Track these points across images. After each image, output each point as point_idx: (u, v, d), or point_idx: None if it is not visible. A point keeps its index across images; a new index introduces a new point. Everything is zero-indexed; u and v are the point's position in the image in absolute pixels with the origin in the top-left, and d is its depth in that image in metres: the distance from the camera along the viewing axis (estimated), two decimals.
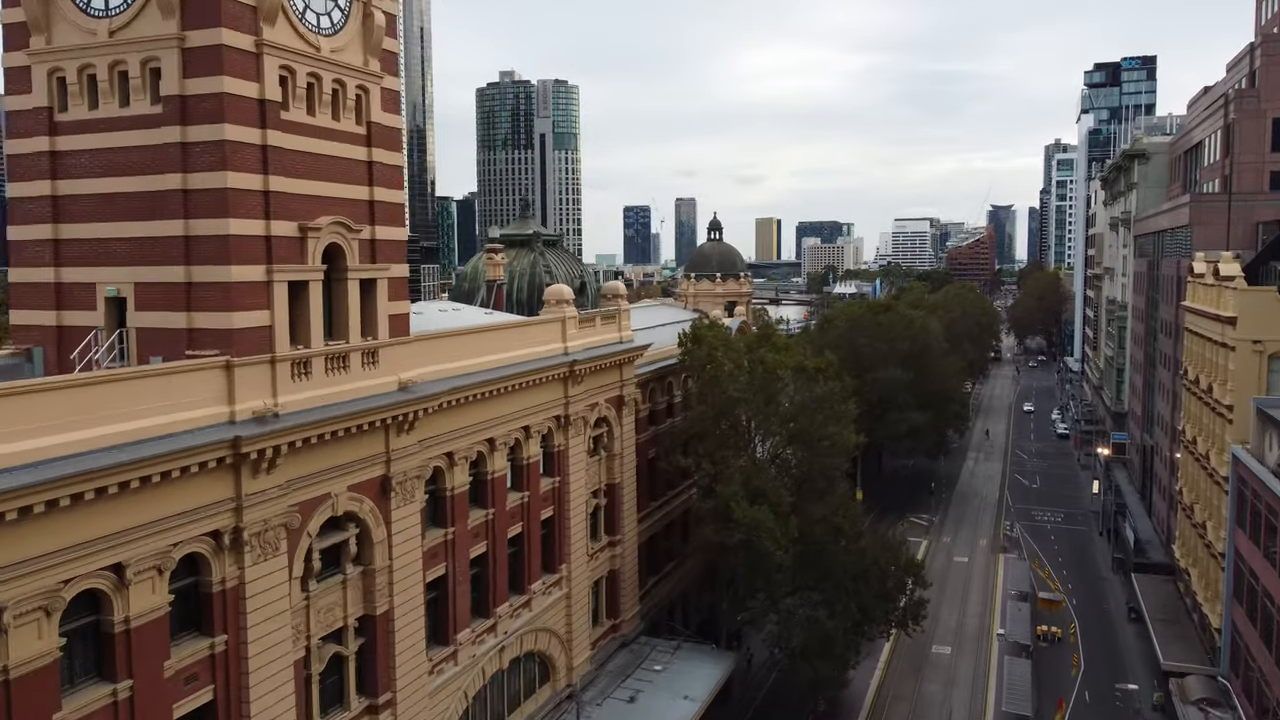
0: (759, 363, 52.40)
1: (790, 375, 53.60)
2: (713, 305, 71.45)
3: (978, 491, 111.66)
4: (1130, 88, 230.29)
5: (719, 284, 71.41)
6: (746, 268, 74.55)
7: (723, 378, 51.18)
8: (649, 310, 69.24)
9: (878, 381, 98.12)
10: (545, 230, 51.00)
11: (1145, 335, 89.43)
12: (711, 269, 71.73)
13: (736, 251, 75.48)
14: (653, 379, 56.14)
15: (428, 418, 33.29)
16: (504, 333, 39.86)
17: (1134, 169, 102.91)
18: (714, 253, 72.88)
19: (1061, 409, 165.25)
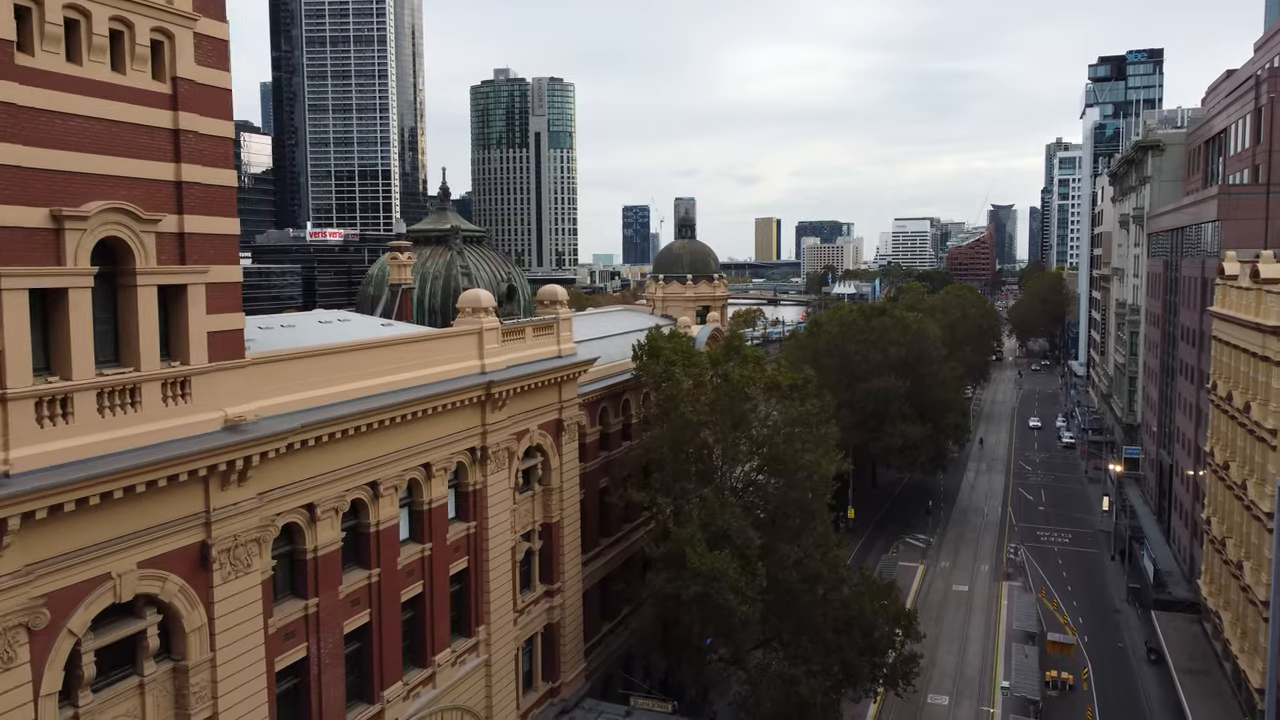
0: (724, 379, 44.78)
1: (762, 393, 46.01)
2: (683, 310, 63.92)
3: (979, 508, 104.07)
4: (1136, 81, 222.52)
5: (689, 287, 63.87)
6: (720, 268, 67.01)
7: (680, 397, 43.60)
8: (611, 316, 61.75)
9: (870, 391, 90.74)
10: (468, 225, 43.36)
11: (1162, 342, 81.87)
12: (681, 270, 64.17)
13: (709, 250, 67.89)
14: (604, 397, 48.62)
15: (272, 462, 25.78)
16: (396, 349, 32.32)
17: (1147, 162, 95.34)
18: (684, 252, 65.26)
19: (1066, 416, 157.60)
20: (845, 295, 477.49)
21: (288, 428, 25.81)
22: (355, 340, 31.15)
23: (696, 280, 64.40)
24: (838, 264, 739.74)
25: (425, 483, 33.71)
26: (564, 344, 42.59)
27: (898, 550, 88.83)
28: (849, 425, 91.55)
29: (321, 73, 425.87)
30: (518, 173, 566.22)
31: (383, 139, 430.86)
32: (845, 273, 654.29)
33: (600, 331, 54.71)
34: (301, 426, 26.39)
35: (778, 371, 48.43)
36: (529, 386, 39.10)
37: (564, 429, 42.72)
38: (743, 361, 47.78)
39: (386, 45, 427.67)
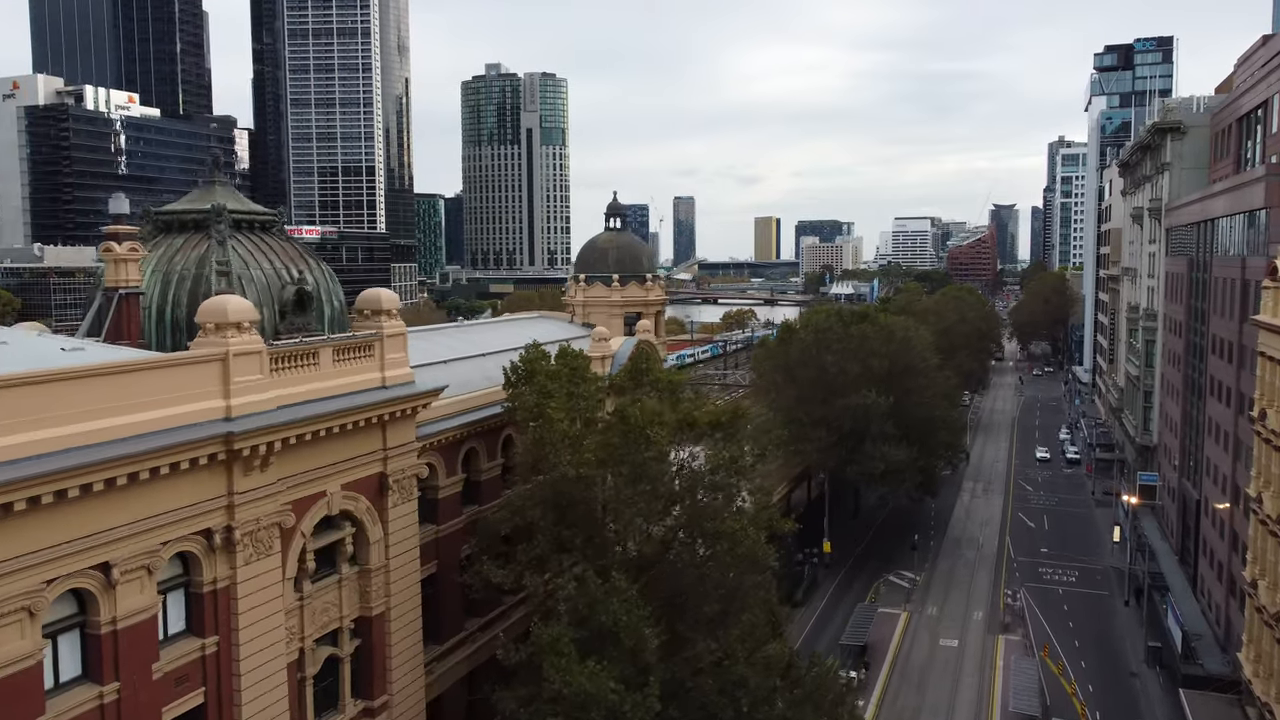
0: (620, 418, 33.09)
1: (673, 435, 34.39)
2: (608, 318, 52.38)
3: (973, 537, 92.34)
4: (1144, 71, 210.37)
5: (615, 289, 52.22)
6: (656, 266, 55.28)
7: (554, 442, 31.98)
8: (514, 326, 50.17)
9: (848, 409, 79.05)
10: (247, 204, 31.65)
11: (1185, 354, 70.16)
12: (606, 269, 52.50)
13: (642, 245, 56.04)
14: (471, 435, 37.01)
15: None
16: (67, 388, 20.84)
17: (1165, 147, 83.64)
18: (610, 247, 53.52)
19: (1071, 427, 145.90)
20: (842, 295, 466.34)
21: None
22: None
23: (625, 281, 52.70)
24: (837, 264, 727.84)
25: (104, 593, 22.08)
26: (392, 370, 30.97)
27: (878, 593, 77.13)
28: (825, 445, 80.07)
29: (304, 66, 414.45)
30: (509, 170, 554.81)
31: (366, 134, 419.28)
32: (844, 272, 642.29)
33: (487, 346, 43.18)
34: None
35: (696, 405, 36.69)
36: (322, 433, 27.52)
37: (392, 486, 31.10)
38: (656, 388, 36.09)
39: (370, 38, 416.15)
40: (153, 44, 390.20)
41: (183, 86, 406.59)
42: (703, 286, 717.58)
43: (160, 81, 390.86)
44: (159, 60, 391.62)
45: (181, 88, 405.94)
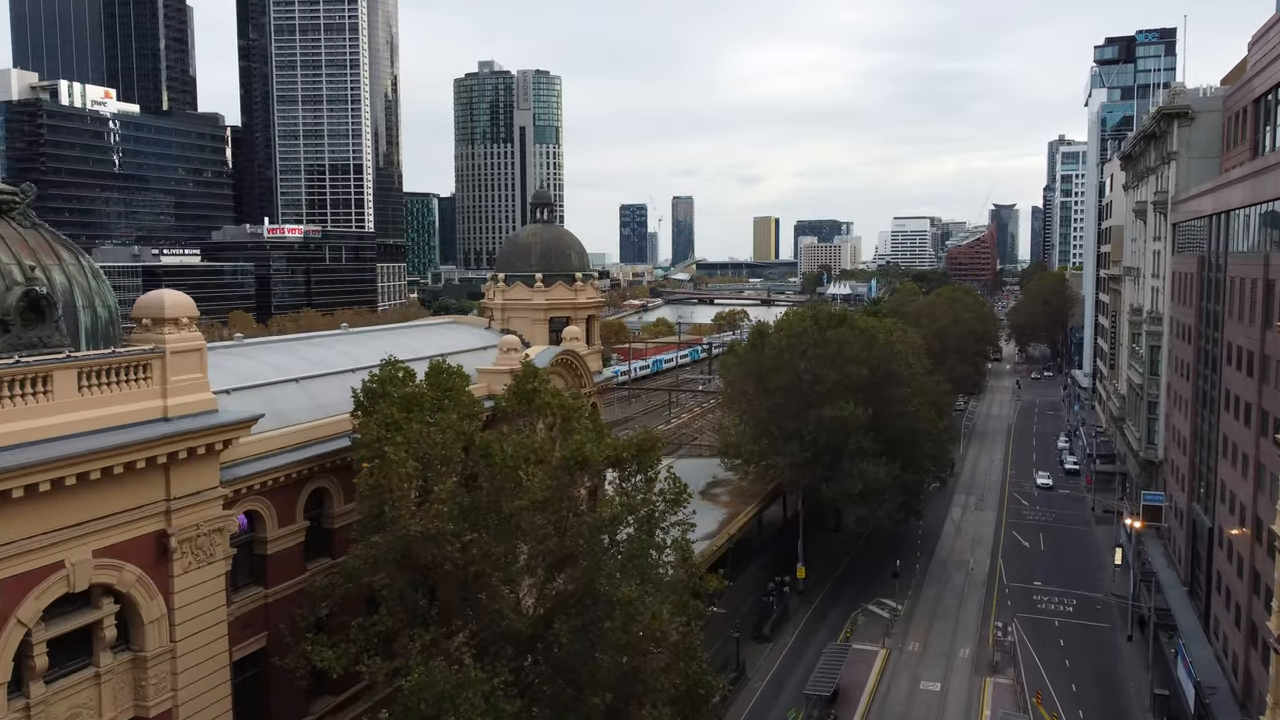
0: (484, 456, 25.86)
1: (557, 476, 27.15)
2: (531, 324, 45.20)
3: (963, 560, 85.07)
4: (1146, 64, 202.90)
5: (539, 291, 44.98)
6: (588, 265, 47.90)
7: (394, 488, 24.78)
8: (412, 334, 42.90)
9: (824, 421, 71.84)
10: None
11: (1196, 363, 62.91)
12: (528, 267, 45.19)
13: (572, 240, 48.57)
14: (318, 473, 29.78)
15: None
16: None
17: (1172, 134, 76.38)
18: (534, 242, 46.17)
19: (1070, 435, 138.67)
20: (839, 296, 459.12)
21: None
22: None
23: (550, 282, 45.45)
24: (835, 264, 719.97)
25: None
26: (180, 396, 23.79)
27: (855, 626, 69.86)
28: (798, 461, 72.88)
29: (291, 62, 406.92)
30: (502, 169, 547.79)
31: (354, 132, 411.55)
32: (841, 273, 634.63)
33: (361, 360, 35.88)
34: None
35: (596, 435, 29.39)
36: (47, 485, 20.34)
37: (178, 547, 23.90)
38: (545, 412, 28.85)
39: (358, 34, 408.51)
40: (135, 40, 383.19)
41: (168, 83, 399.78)
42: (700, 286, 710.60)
43: (143, 78, 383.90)
44: (141, 56, 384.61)
45: (167, 84, 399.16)
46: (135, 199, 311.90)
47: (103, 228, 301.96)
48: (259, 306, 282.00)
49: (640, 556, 27.26)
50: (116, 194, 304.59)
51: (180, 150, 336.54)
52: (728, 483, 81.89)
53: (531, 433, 27.99)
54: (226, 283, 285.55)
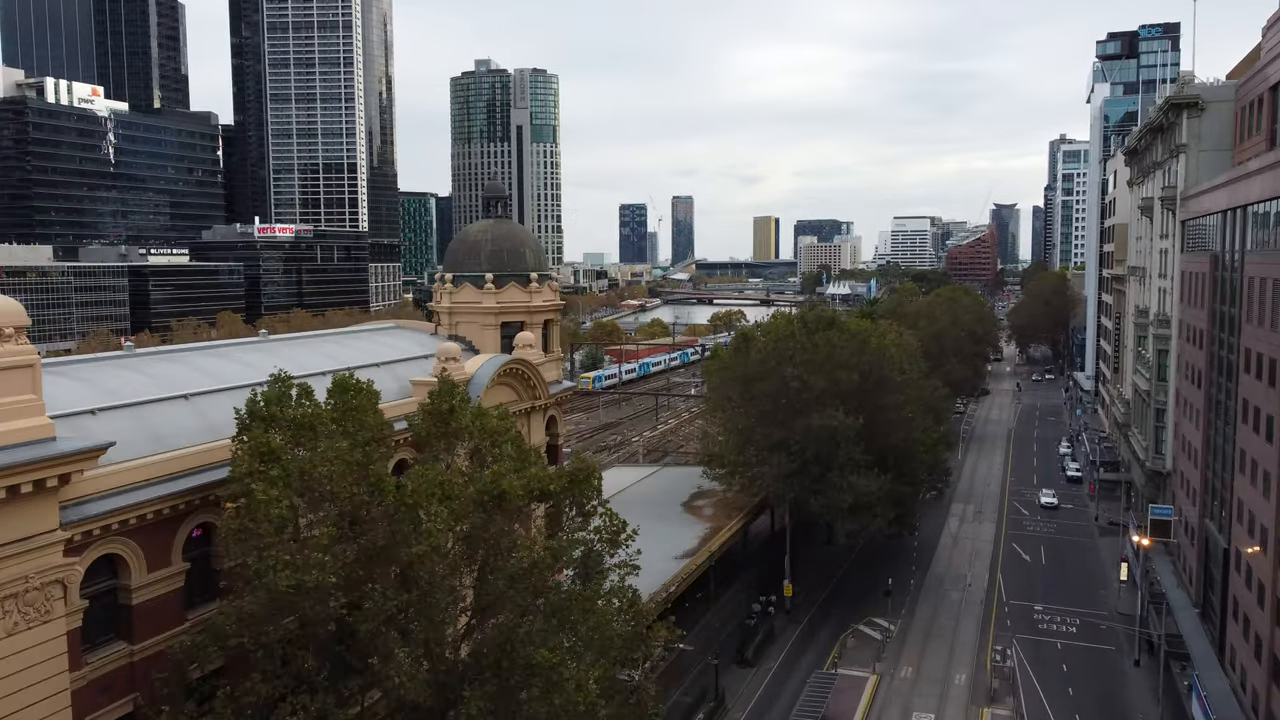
0: (373, 491, 21.65)
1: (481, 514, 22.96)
2: (481, 328, 41.02)
3: (960, 574, 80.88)
4: (1149, 59, 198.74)
5: (489, 293, 40.74)
6: (545, 264, 43.56)
7: (263, 534, 20.63)
8: (347, 341, 38.65)
9: (811, 430, 67.66)
10: None
11: (1209, 370, 58.71)
12: (477, 266, 40.98)
13: (527, 237, 44.03)
14: (201, 506, 25.56)
15: None
16: None
17: (1180, 126, 72.14)
18: (484, 240, 41.87)
19: (1072, 439, 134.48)
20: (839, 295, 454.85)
21: None
22: None
23: (501, 282, 41.23)
24: (835, 264, 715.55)
25: None
26: (4, 422, 19.62)
27: (844, 649, 65.63)
28: (784, 473, 68.68)
29: (284, 60, 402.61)
30: (499, 168, 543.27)
31: (348, 131, 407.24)
32: (841, 272, 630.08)
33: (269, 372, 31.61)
34: None
35: (520, 464, 25.14)
36: None
37: (0, 604, 19.74)
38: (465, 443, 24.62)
39: (352, 32, 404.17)
40: (126, 38, 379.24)
41: (160, 82, 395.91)
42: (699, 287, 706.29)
43: (134, 76, 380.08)
44: (133, 55, 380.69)
45: (159, 83, 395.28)
46: (125, 198, 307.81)
47: (92, 227, 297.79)
48: (249, 307, 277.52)
49: (570, 609, 23.07)
50: (105, 193, 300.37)
51: (171, 149, 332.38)
52: (712, 494, 77.74)
53: (451, 461, 23.82)
54: (215, 283, 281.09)
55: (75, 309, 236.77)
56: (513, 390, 39.21)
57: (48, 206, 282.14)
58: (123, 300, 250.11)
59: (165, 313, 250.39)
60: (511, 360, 38.05)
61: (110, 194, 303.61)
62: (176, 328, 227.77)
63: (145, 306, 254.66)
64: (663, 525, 70.74)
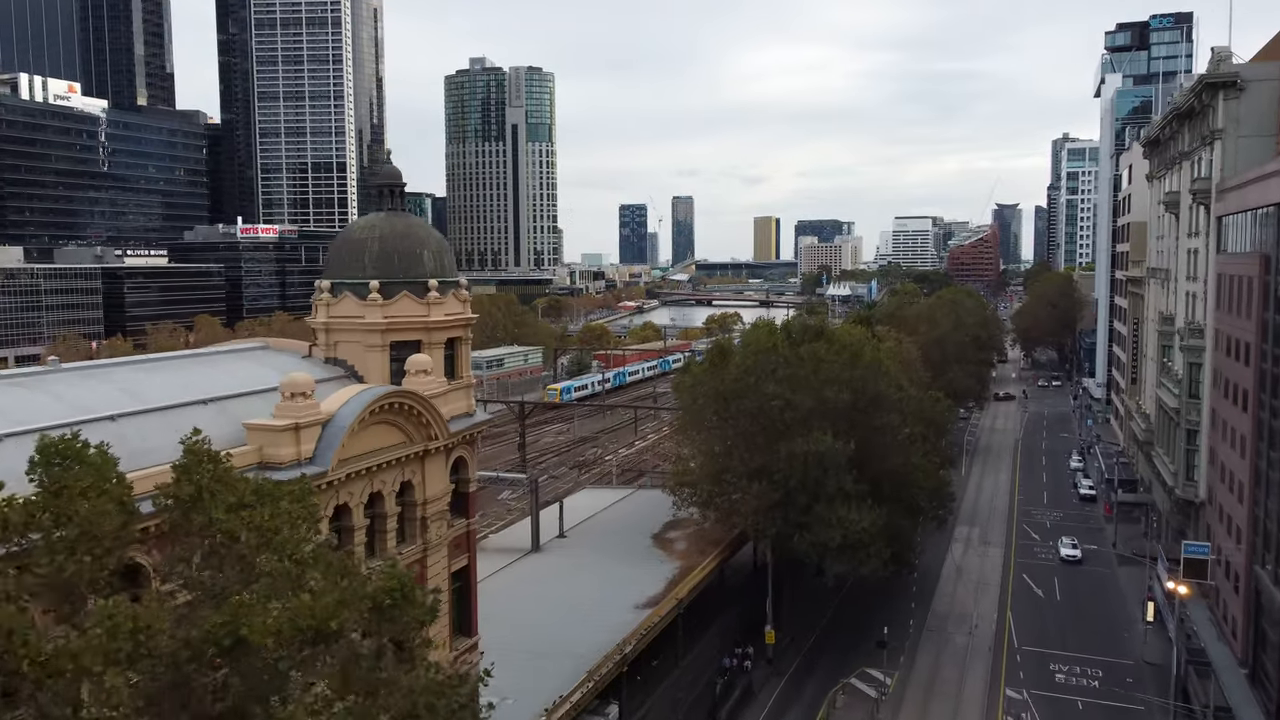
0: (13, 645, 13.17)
1: None
2: (366, 350, 32.49)
3: (966, 613, 72.28)
4: (1161, 50, 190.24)
5: (375, 304, 32.06)
6: (451, 268, 34.53)
7: None
8: (189, 365, 30.22)
9: (796, 456, 59.09)
10: None
11: (1257, 387, 50.12)
12: (361, 272, 32.29)
13: (425, 234, 34.63)
14: None
15: None
16: None
17: (1215, 109, 63.52)
18: (370, 238, 33.04)
19: (1083, 451, 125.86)
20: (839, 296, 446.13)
21: None
22: None
23: (390, 291, 32.63)
24: (836, 264, 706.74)
25: None
26: None
27: (833, 708, 56.97)
28: (765, 505, 60.06)
29: (272, 58, 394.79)
30: (494, 167, 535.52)
31: (338, 129, 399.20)
32: (842, 273, 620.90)
33: (54, 415, 23.21)
34: None
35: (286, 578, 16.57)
36: None
37: None
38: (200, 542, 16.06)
39: (341, 28, 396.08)
40: (109, 35, 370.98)
41: (147, 79, 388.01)
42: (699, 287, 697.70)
43: (117, 74, 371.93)
44: (116, 51, 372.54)
45: (146, 81, 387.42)
46: (105, 198, 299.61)
47: (69, 228, 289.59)
48: (230, 310, 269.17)
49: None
50: (83, 193, 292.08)
51: (153, 148, 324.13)
52: (687, 524, 69.14)
53: (193, 575, 15.42)
54: (195, 285, 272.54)
55: (45, 312, 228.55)
56: (398, 430, 30.69)
57: (22, 206, 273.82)
58: (96, 304, 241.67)
59: (141, 316, 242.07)
60: (391, 394, 29.50)
61: (89, 194, 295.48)
62: (152, 331, 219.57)
63: (120, 310, 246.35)
64: (626, 565, 62.34)
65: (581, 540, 68.55)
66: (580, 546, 66.95)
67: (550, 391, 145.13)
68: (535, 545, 66.62)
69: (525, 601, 55.36)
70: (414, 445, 31.49)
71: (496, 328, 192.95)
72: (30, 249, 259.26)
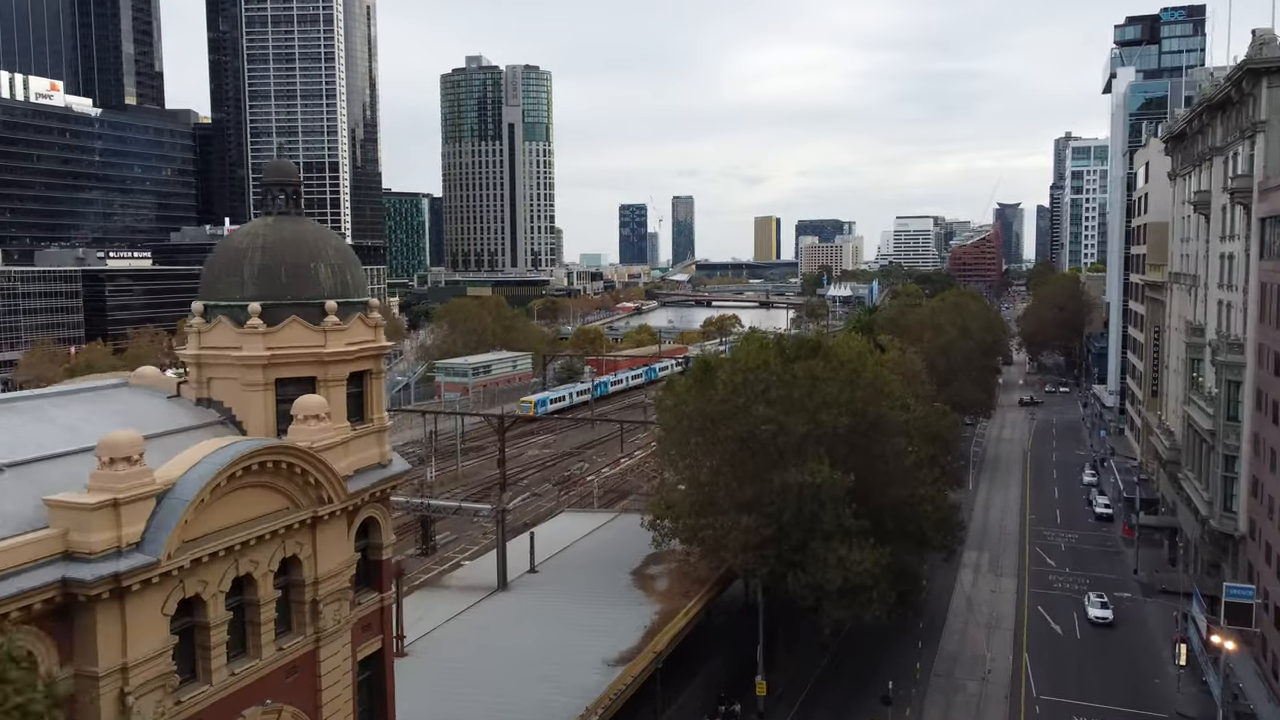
0: None
1: None
2: (245, 389, 26.04)
3: (977, 654, 65.69)
4: (1172, 45, 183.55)
5: (254, 333, 25.52)
6: (358, 284, 27.97)
7: None
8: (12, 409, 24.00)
9: (790, 488, 52.60)
10: None
11: None
12: (239, 291, 25.74)
13: (324, 244, 27.75)
14: None
15: None
16: None
17: (1258, 99, 56.98)
18: (250, 249, 26.61)
19: (1096, 465, 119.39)
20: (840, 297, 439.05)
21: None
22: None
23: (276, 317, 26.12)
24: (836, 264, 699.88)
25: None
26: None
27: None
28: (754, 542, 53.57)
29: (263, 56, 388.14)
30: (490, 167, 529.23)
31: (330, 129, 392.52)
32: (843, 273, 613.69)
33: None
34: None
35: None
36: None
37: None
38: None
39: (334, 25, 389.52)
40: (95, 33, 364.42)
41: (137, 77, 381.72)
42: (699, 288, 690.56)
43: (104, 72, 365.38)
44: (103, 50, 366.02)
45: (136, 79, 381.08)
46: (89, 199, 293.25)
47: (53, 229, 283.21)
48: None
49: None
50: (65, 193, 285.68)
51: (140, 147, 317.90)
52: (670, 556, 62.50)
53: None
54: (180, 288, 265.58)
55: (23, 316, 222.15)
56: (277, 495, 24.18)
57: (3, 208, 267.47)
58: (76, 307, 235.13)
59: (123, 320, 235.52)
60: (261, 452, 22.99)
61: (73, 194, 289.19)
62: (134, 335, 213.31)
63: (102, 314, 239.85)
64: (602, 607, 55.75)
65: (554, 576, 61.96)
66: (552, 584, 60.35)
67: (524, 404, 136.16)
68: (502, 583, 60.04)
69: (483, 656, 48.88)
70: (299, 512, 25.00)
71: (485, 332, 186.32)
72: (11, 251, 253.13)
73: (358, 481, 27.26)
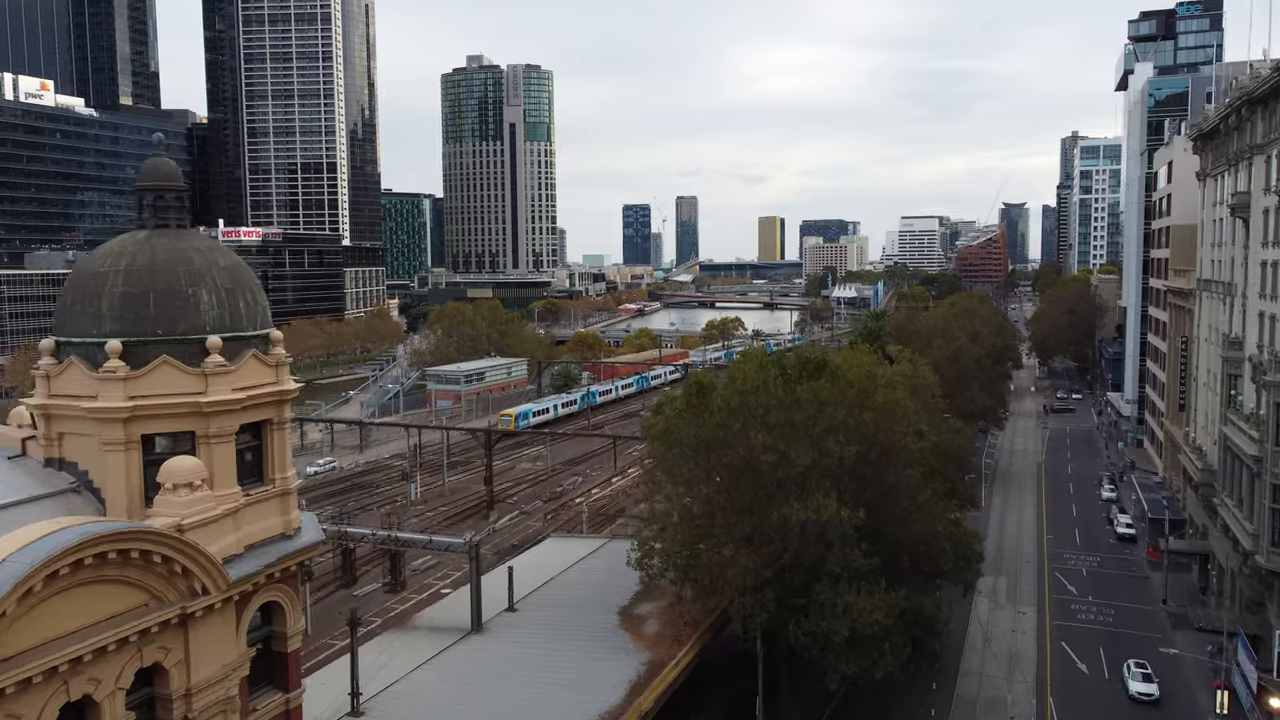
0: None
1: None
2: (104, 448, 20.81)
3: (998, 700, 60.02)
4: (1189, 40, 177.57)
5: (114, 377, 20.40)
6: (254, 314, 22.72)
7: None
8: None
9: (791, 524, 47.12)
10: None
11: None
12: (97, 326, 20.34)
13: (208, 265, 21.85)
14: None
15: None
16: None
17: None
18: (112, 272, 21.44)
19: (1114, 479, 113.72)
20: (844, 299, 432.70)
21: None
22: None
23: (141, 357, 20.79)
24: (841, 265, 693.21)
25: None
26: None
27: None
28: (752, 584, 48.15)
29: (260, 55, 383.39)
30: (492, 167, 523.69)
31: (328, 129, 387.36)
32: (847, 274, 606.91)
33: None
34: None
35: None
36: None
37: None
38: None
39: (332, 24, 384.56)
40: (90, 33, 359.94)
41: (132, 78, 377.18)
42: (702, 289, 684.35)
43: (99, 72, 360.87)
44: (98, 50, 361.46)
45: (132, 79, 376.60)
46: (82, 200, 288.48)
47: (45, 231, 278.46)
48: None
49: None
50: (57, 194, 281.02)
51: (134, 148, 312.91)
52: (661, 594, 57.02)
53: None
54: None
55: (10, 320, 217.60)
56: (132, 589, 18.71)
57: None
58: None
59: None
60: (101, 539, 17.56)
61: (66, 196, 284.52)
62: None
63: None
64: (583, 656, 50.25)
65: (533, 616, 56.46)
66: (531, 626, 54.86)
67: (504, 418, 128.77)
68: (476, 624, 54.61)
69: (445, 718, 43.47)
70: (163, 609, 19.54)
71: (479, 338, 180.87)
72: (1, 254, 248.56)
73: (251, 561, 21.85)
